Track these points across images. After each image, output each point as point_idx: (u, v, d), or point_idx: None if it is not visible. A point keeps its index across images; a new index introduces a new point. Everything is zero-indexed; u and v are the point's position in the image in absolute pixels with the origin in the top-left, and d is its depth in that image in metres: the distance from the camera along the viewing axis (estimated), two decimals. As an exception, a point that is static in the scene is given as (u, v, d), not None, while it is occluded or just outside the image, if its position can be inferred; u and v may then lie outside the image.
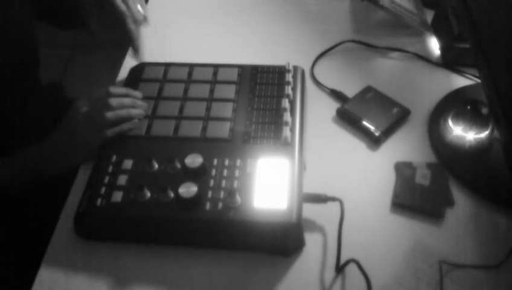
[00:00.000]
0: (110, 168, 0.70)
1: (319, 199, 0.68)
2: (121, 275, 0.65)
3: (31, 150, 0.74)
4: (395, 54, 0.94)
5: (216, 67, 0.84)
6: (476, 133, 0.76)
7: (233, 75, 0.82)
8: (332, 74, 0.90)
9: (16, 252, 0.83)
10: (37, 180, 0.75)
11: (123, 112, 0.74)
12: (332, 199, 0.68)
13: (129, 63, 0.88)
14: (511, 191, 0.70)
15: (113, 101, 0.74)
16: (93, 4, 0.80)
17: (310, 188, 0.69)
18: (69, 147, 0.74)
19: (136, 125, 0.75)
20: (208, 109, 0.77)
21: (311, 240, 0.67)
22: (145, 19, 0.81)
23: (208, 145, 0.72)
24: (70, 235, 0.69)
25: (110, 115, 0.73)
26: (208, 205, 0.65)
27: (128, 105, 0.76)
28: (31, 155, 0.74)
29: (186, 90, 0.80)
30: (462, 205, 0.71)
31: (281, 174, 0.67)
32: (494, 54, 0.67)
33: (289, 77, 0.80)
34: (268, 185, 0.66)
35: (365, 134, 0.80)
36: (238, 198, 0.64)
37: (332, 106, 0.84)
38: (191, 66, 0.84)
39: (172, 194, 0.66)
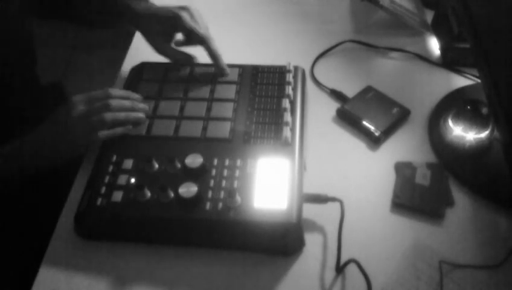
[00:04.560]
0: (110, 168, 0.70)
1: (319, 199, 0.68)
2: (121, 275, 0.65)
3: (19, 141, 0.72)
4: (395, 54, 0.94)
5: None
6: (476, 133, 0.76)
7: (233, 75, 0.82)
8: (332, 74, 0.90)
9: (16, 252, 0.83)
10: (23, 173, 0.73)
11: (121, 115, 0.73)
12: (333, 199, 0.68)
13: (129, 63, 0.88)
14: (511, 191, 0.70)
15: (113, 103, 0.72)
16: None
17: (310, 188, 0.69)
18: (56, 138, 0.71)
19: (128, 131, 0.73)
20: (208, 109, 0.77)
21: (311, 240, 0.67)
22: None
23: (208, 145, 0.72)
24: (71, 234, 0.69)
25: (108, 116, 0.71)
26: (208, 205, 0.65)
27: (128, 108, 0.74)
28: (21, 145, 0.72)
29: (186, 90, 0.80)
30: (462, 205, 0.71)
31: (281, 174, 0.67)
32: (494, 54, 0.67)
33: (290, 77, 0.80)
34: (268, 185, 0.66)
35: (365, 134, 0.80)
36: (238, 198, 0.64)
37: (332, 106, 0.84)
38: (192, 66, 0.84)
39: (172, 194, 0.66)
